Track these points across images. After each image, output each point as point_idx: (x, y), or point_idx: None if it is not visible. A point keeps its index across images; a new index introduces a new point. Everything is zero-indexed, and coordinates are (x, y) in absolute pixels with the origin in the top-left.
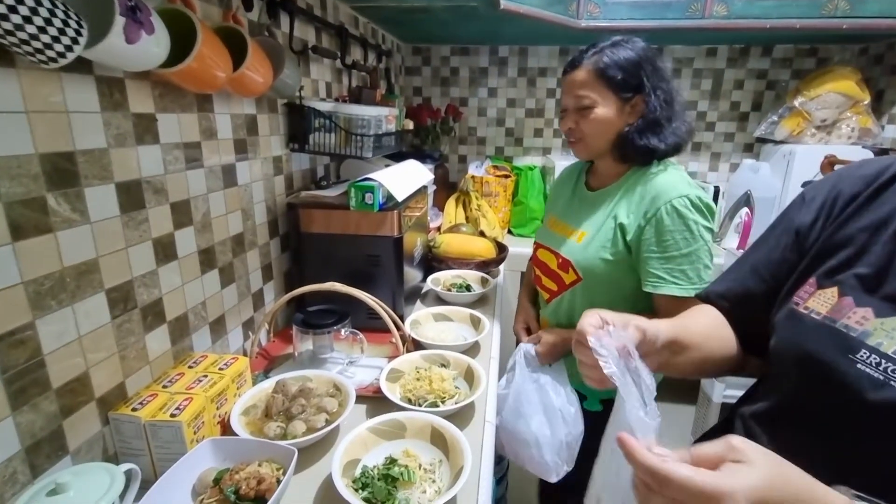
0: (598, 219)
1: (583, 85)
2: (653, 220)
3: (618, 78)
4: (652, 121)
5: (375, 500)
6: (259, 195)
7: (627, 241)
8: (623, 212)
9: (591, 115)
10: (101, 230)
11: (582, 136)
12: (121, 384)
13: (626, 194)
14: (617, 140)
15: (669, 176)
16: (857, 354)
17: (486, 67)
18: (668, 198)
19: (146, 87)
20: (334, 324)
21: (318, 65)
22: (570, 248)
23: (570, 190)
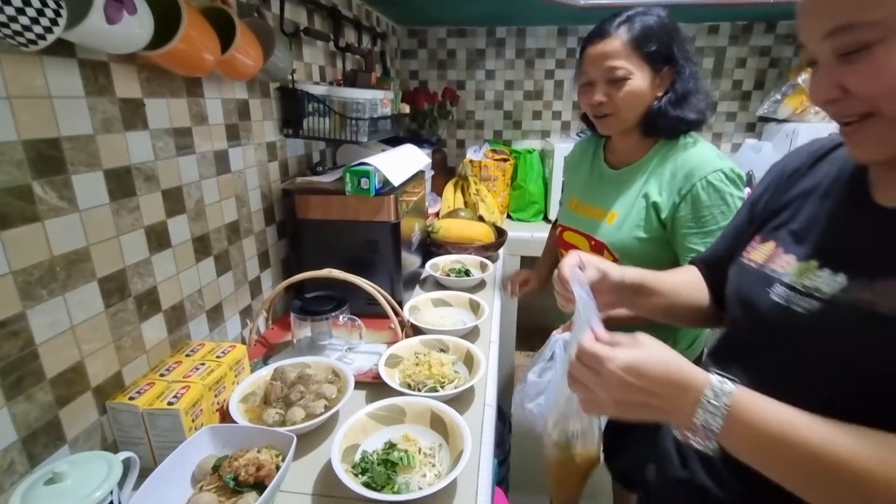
0: (627, 198)
1: (616, 55)
2: (688, 196)
3: (652, 49)
4: (682, 93)
5: (375, 484)
6: (253, 182)
7: (662, 218)
8: (654, 189)
9: (626, 87)
10: (90, 218)
11: (615, 109)
12: (117, 373)
13: (655, 171)
14: (648, 113)
15: (700, 150)
16: (771, 287)
17: (483, 49)
18: (703, 173)
19: (132, 71)
20: (332, 310)
21: (310, 48)
22: (604, 231)
23: (588, 168)
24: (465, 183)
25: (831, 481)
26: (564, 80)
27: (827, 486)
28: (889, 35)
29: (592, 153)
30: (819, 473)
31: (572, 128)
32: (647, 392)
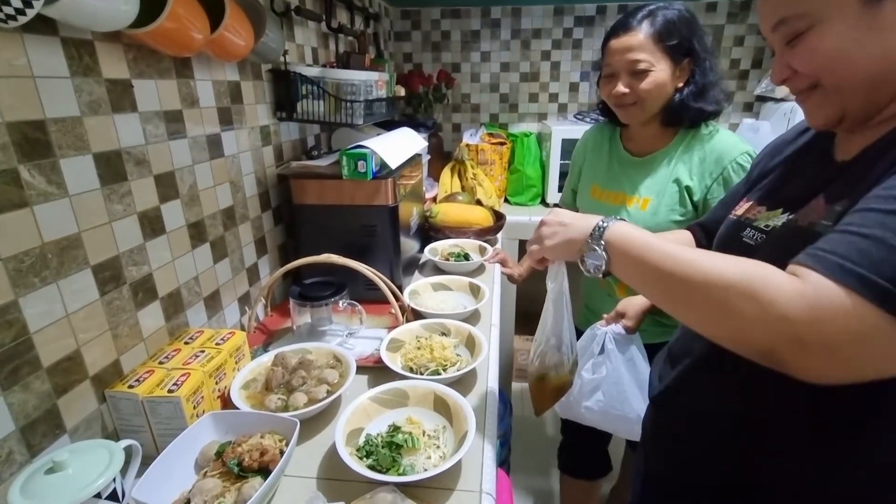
0: (658, 184)
1: (640, 48)
2: (720, 178)
3: (674, 42)
4: (702, 85)
5: (380, 466)
6: (248, 167)
7: (694, 201)
8: (685, 174)
9: (648, 79)
10: (80, 204)
11: (638, 99)
12: (115, 362)
13: (683, 157)
14: (669, 104)
15: (725, 136)
16: (743, 231)
17: (478, 30)
18: (733, 156)
19: (118, 51)
20: (332, 296)
21: (302, 29)
22: (637, 216)
23: (606, 156)
24: (462, 167)
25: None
26: (560, 61)
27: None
28: (816, 23)
29: (609, 141)
30: (672, 282)
31: (569, 110)
32: (559, 223)
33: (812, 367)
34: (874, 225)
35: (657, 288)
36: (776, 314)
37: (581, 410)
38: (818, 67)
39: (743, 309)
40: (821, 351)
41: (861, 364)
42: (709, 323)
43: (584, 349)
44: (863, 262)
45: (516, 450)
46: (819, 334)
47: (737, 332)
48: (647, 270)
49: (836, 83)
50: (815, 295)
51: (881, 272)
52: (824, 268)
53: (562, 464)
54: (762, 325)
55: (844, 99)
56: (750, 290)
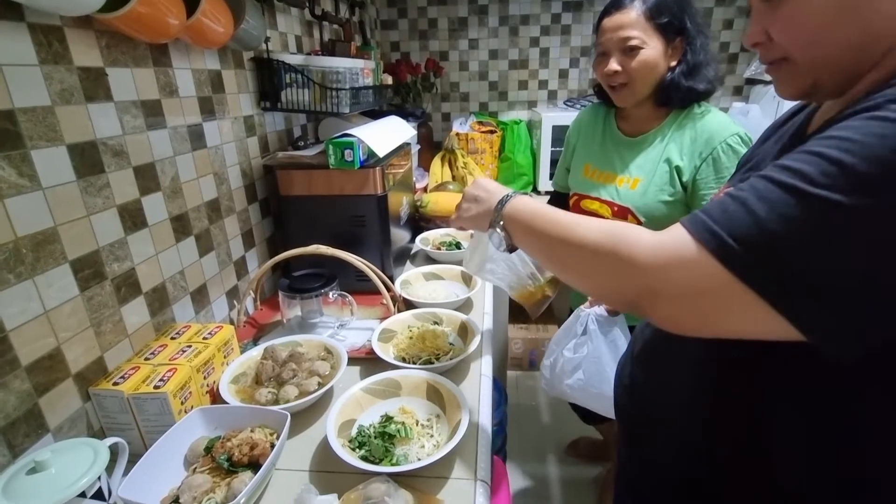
0: (649, 164)
1: (631, 26)
2: (709, 159)
3: (665, 20)
4: (694, 64)
5: (373, 457)
6: (232, 158)
7: (683, 181)
8: (675, 154)
9: (640, 56)
10: (56, 197)
11: (629, 79)
12: (99, 359)
13: (675, 137)
14: (661, 83)
15: (716, 116)
16: None
17: (465, 17)
18: (723, 137)
19: (90, 37)
20: (322, 287)
21: (285, 16)
22: (628, 196)
23: (600, 136)
24: (453, 157)
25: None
26: (550, 47)
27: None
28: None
29: (603, 121)
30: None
31: (559, 97)
32: (474, 198)
33: (666, 315)
34: (747, 188)
35: (545, 253)
36: (634, 265)
37: (563, 387)
38: (794, 40)
39: (608, 264)
40: (672, 301)
41: (706, 318)
42: (586, 280)
43: (568, 330)
44: (720, 220)
45: (513, 437)
46: (668, 284)
47: (606, 285)
48: (536, 238)
49: (812, 58)
50: (672, 247)
51: (732, 231)
52: (690, 224)
53: (583, 417)
54: (624, 276)
55: (816, 71)
56: (614, 246)
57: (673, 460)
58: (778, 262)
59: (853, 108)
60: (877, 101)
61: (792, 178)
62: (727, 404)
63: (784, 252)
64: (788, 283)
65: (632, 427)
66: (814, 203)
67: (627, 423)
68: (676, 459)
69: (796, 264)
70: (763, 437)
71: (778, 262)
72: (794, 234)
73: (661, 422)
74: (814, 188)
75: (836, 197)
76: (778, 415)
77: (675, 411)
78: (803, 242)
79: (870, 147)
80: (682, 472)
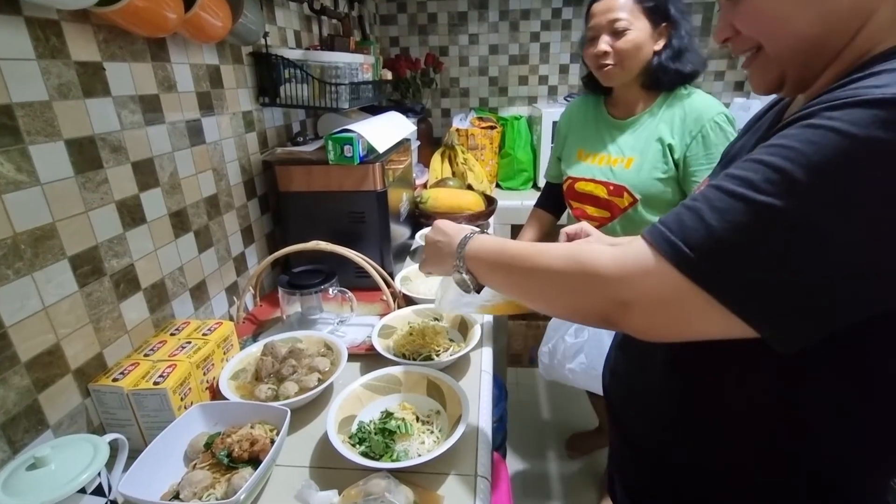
0: (641, 143)
1: (618, 8)
2: (698, 136)
3: (651, 5)
4: (678, 48)
5: (373, 453)
6: (231, 154)
7: (675, 158)
8: (667, 133)
9: (627, 37)
10: (54, 192)
11: (619, 59)
12: (98, 355)
13: (665, 117)
14: (648, 66)
15: (702, 96)
16: None
17: (465, 12)
18: (711, 115)
19: (88, 31)
20: (321, 283)
21: (283, 11)
22: (622, 175)
23: (592, 122)
24: (453, 153)
25: (526, 276)
26: (550, 42)
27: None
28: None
29: (593, 108)
30: (523, 277)
31: (559, 92)
32: (434, 242)
33: (637, 325)
34: (700, 198)
35: (513, 287)
36: (599, 278)
37: (564, 372)
38: (759, 31)
39: (576, 282)
40: (640, 310)
41: (673, 324)
42: (556, 303)
43: None
44: (675, 230)
45: (513, 434)
46: (633, 293)
47: (576, 303)
48: (502, 274)
49: (776, 48)
50: (634, 258)
51: (687, 239)
52: (649, 235)
53: None
54: (592, 291)
55: (783, 63)
56: (579, 264)
57: (653, 442)
58: (729, 267)
59: (798, 113)
60: (812, 109)
61: (739, 186)
62: (697, 384)
63: (734, 257)
64: (740, 286)
65: (617, 409)
66: (758, 209)
67: (614, 406)
68: (656, 440)
69: (746, 268)
70: (733, 415)
71: (729, 267)
72: (742, 240)
73: (641, 404)
74: (758, 195)
75: (777, 202)
76: (748, 389)
77: (652, 396)
78: (750, 247)
79: (805, 154)
80: (662, 453)
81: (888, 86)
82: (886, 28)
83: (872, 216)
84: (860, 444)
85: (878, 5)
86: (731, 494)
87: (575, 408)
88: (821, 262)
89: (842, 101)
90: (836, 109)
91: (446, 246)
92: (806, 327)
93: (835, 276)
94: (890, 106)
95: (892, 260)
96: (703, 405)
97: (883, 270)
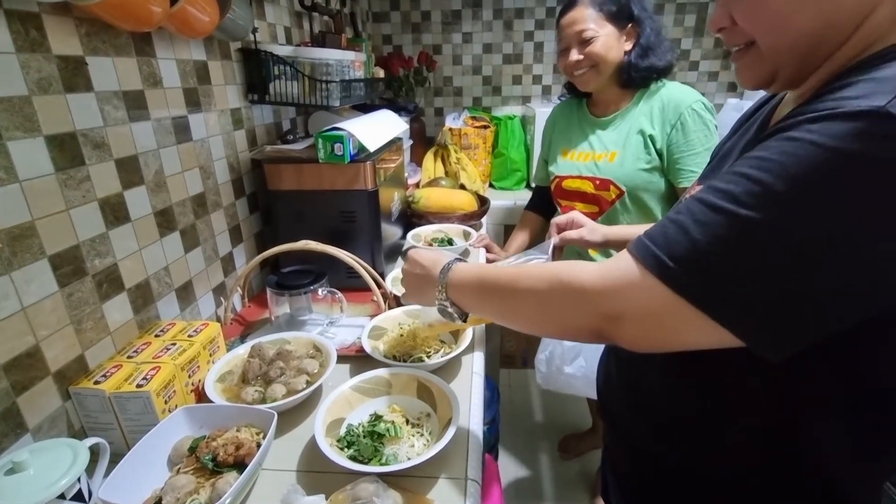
0: (622, 137)
1: (584, 20)
2: (678, 124)
3: (614, 10)
4: (646, 45)
5: (361, 457)
6: (219, 151)
7: (657, 147)
8: (647, 124)
9: (595, 45)
10: (33, 190)
11: (591, 65)
12: (80, 357)
13: (643, 110)
14: (621, 66)
15: (677, 86)
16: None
17: (459, 10)
18: (688, 103)
19: (69, 25)
20: (311, 284)
21: (273, 7)
22: (607, 169)
23: (576, 123)
24: (445, 152)
25: (511, 301)
26: (544, 41)
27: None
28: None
29: (577, 110)
30: (507, 302)
31: (553, 92)
32: (414, 274)
33: (629, 338)
34: (684, 210)
35: (498, 313)
36: (585, 293)
37: (562, 379)
38: (759, 25)
39: (562, 301)
40: (631, 323)
41: (663, 335)
42: (545, 323)
43: None
44: (660, 244)
45: (505, 435)
46: (623, 307)
47: (565, 321)
48: (488, 303)
49: (773, 44)
50: (620, 272)
51: (671, 252)
52: (635, 249)
53: None
54: (578, 307)
55: (778, 60)
56: (562, 282)
57: (648, 443)
58: (713, 279)
59: (781, 123)
60: (792, 122)
61: (721, 199)
62: (689, 387)
63: (717, 269)
64: (723, 297)
65: (612, 410)
66: (739, 221)
67: (608, 407)
68: (651, 442)
69: (729, 279)
70: (726, 418)
71: (713, 279)
72: (724, 252)
73: (635, 405)
74: (739, 208)
75: (757, 215)
76: (741, 393)
77: (646, 397)
78: (732, 259)
79: (785, 167)
80: (658, 456)
81: (864, 97)
82: (885, 26)
83: (849, 226)
84: (854, 449)
85: (879, 1)
86: (725, 498)
87: (568, 409)
88: (800, 273)
89: (820, 113)
90: (814, 122)
91: (426, 277)
92: (790, 337)
93: (815, 287)
94: (865, 118)
95: (870, 269)
96: (696, 408)
97: (862, 279)
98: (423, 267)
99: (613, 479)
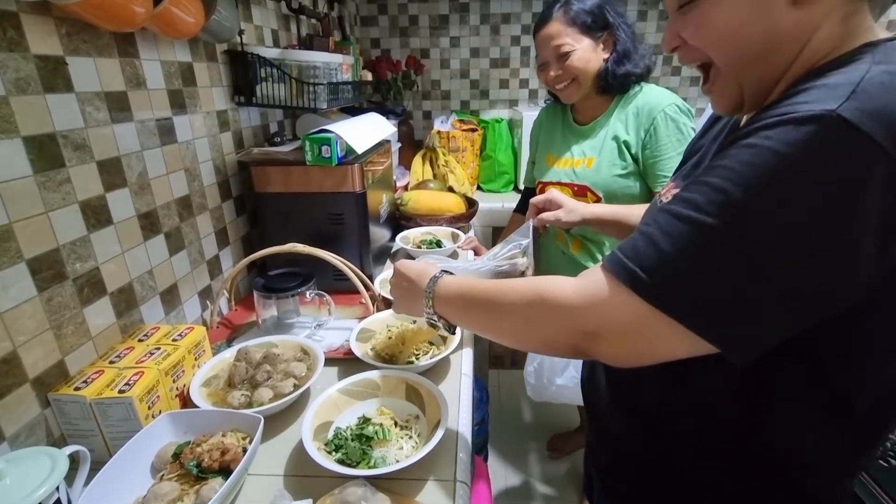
0: (598, 143)
1: (559, 35)
2: (651, 129)
3: (588, 21)
4: (623, 52)
5: (350, 460)
6: (205, 154)
7: (632, 153)
8: (622, 130)
9: (572, 59)
10: (10, 192)
11: (572, 77)
12: (59, 363)
13: (619, 116)
14: (599, 75)
15: (653, 90)
16: None
17: (446, 15)
18: (661, 107)
19: (49, 24)
20: (298, 286)
21: (260, 9)
22: (584, 175)
23: (559, 129)
24: (434, 155)
25: (494, 316)
26: (531, 46)
27: (495, 321)
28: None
29: (561, 115)
30: (490, 316)
31: (540, 95)
32: (403, 284)
33: (608, 353)
34: (653, 223)
35: (484, 328)
36: (563, 309)
37: (553, 390)
38: (706, 42)
39: (541, 316)
40: (606, 339)
41: (640, 348)
42: (525, 337)
43: None
44: (631, 257)
45: (495, 436)
46: (599, 322)
47: (544, 336)
48: (472, 317)
49: (725, 61)
50: (595, 287)
51: (642, 264)
52: (609, 263)
53: None
54: (557, 322)
55: (740, 79)
56: (541, 298)
57: (630, 443)
58: (681, 287)
59: (741, 130)
60: (750, 129)
61: (686, 208)
62: (664, 380)
63: (685, 277)
64: (692, 304)
65: (597, 410)
66: (703, 230)
67: (593, 406)
68: (637, 441)
69: (695, 286)
70: (702, 420)
71: (681, 287)
72: (690, 260)
73: (618, 406)
74: (701, 215)
75: (717, 222)
76: (715, 395)
77: (628, 400)
78: (697, 266)
79: (743, 174)
80: (639, 457)
81: (815, 102)
82: (830, 42)
83: (805, 230)
84: (825, 448)
85: (820, 21)
86: (705, 495)
87: (556, 409)
88: (759, 277)
89: (774, 119)
90: (769, 128)
91: (413, 290)
92: (753, 339)
93: (774, 289)
94: (817, 122)
95: (826, 271)
96: (675, 406)
97: (818, 281)
98: (409, 280)
99: (596, 475)
